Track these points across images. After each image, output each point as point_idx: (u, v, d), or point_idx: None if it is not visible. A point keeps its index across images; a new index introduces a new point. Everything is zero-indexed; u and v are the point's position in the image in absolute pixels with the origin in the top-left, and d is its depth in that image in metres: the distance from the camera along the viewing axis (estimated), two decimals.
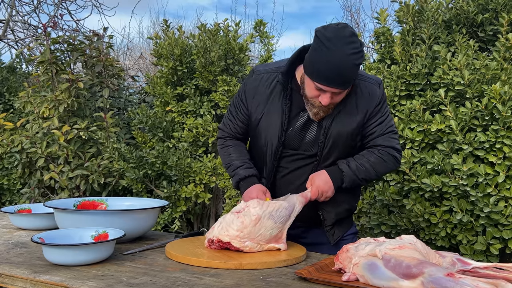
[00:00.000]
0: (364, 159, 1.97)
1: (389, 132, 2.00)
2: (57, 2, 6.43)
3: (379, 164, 1.98)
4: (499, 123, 2.46)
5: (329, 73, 1.77)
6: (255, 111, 2.03)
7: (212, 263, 1.65)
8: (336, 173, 1.95)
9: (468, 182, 2.44)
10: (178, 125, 3.67)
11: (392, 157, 2.00)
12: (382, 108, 2.00)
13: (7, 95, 4.96)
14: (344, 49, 1.75)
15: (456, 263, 1.48)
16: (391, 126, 2.02)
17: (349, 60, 1.76)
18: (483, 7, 2.86)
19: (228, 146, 2.15)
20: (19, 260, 1.72)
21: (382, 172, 2.02)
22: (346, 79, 1.80)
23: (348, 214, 2.13)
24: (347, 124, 1.94)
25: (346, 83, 1.81)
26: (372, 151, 1.99)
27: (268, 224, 1.81)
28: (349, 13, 9.44)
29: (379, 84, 2.01)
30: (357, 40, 1.79)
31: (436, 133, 2.63)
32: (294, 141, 1.99)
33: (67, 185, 3.43)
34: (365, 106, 1.96)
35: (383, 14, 3.14)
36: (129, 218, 1.95)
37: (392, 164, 2.01)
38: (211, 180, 3.34)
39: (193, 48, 3.73)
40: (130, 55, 9.74)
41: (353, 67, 1.78)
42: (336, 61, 1.75)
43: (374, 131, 1.99)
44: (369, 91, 1.97)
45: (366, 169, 1.96)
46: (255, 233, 1.78)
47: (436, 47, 2.79)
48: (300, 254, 1.78)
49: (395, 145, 2.01)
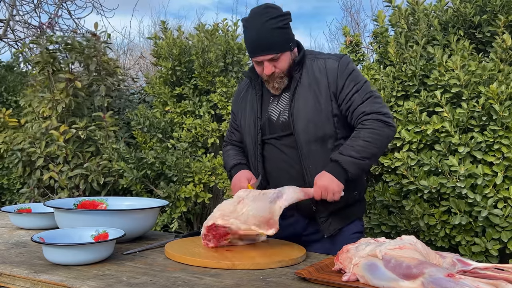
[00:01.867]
0: (354, 139, 1.94)
1: (369, 97, 1.97)
2: (58, 2, 6.42)
3: (372, 136, 1.92)
4: (497, 123, 2.46)
5: (252, 45, 1.98)
6: (237, 112, 2.24)
7: (206, 263, 1.65)
8: (335, 167, 1.93)
9: (466, 184, 2.44)
10: (177, 125, 3.67)
11: (381, 123, 1.94)
12: (353, 78, 2.00)
13: (5, 94, 4.95)
14: (258, 19, 1.95)
15: (456, 263, 1.48)
16: (370, 91, 1.99)
17: (266, 26, 1.93)
18: (481, 8, 2.87)
19: (227, 150, 2.31)
20: (19, 259, 1.72)
21: (381, 142, 1.95)
22: (268, 43, 1.94)
23: (346, 204, 2.06)
24: (307, 98, 2.00)
25: (271, 47, 1.94)
26: (360, 127, 1.95)
27: (252, 204, 1.82)
28: (349, 14, 9.44)
29: (339, 58, 2.03)
30: (274, 10, 1.96)
31: (433, 134, 2.63)
32: (271, 126, 2.09)
33: (67, 185, 3.43)
34: (325, 80, 2.00)
35: (381, 15, 3.15)
36: (129, 218, 1.95)
37: (386, 129, 1.94)
38: (210, 180, 3.34)
39: (192, 48, 3.73)
40: (130, 55, 9.74)
41: (272, 31, 1.93)
42: (253, 32, 1.96)
43: (352, 100, 1.97)
44: (327, 66, 2.02)
45: (363, 147, 1.91)
46: (238, 211, 1.80)
47: (430, 49, 2.79)
48: (296, 255, 1.76)
49: (379, 109, 1.96)
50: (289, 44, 1.99)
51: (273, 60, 1.98)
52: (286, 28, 1.98)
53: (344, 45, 3.35)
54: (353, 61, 2.14)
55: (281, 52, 1.97)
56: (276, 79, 2.02)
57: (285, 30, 1.97)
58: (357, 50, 3.32)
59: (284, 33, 1.97)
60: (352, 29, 8.49)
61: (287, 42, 1.98)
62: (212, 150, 3.59)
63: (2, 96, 4.97)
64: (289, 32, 2.01)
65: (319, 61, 2.04)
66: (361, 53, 3.32)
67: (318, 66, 2.03)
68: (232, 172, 2.18)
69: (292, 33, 2.03)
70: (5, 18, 6.42)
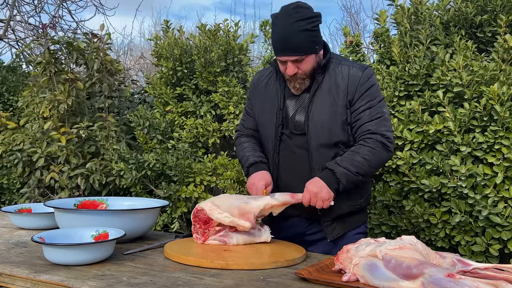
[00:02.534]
0: (353, 154, 1.94)
1: (379, 117, 1.97)
2: (58, 2, 6.42)
3: (371, 155, 1.93)
4: (497, 123, 2.46)
5: (278, 44, 1.97)
6: (256, 100, 2.20)
7: (200, 262, 1.66)
8: (328, 175, 1.93)
9: (467, 184, 2.44)
10: (177, 126, 3.67)
11: (382, 145, 1.95)
12: (370, 93, 1.99)
13: (7, 94, 4.95)
14: (287, 19, 1.92)
15: (456, 263, 1.48)
16: (381, 112, 1.99)
17: (293, 27, 1.91)
18: (482, 8, 2.86)
19: (242, 142, 2.25)
20: (20, 259, 1.72)
21: (377, 163, 1.97)
22: (294, 45, 1.93)
23: (351, 211, 2.08)
24: (325, 103, 2.00)
25: (296, 49, 1.93)
26: (361, 143, 1.96)
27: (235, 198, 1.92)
28: (349, 14, 9.44)
29: (364, 69, 2.02)
30: (303, 10, 1.93)
31: (435, 134, 2.63)
32: (286, 121, 2.08)
33: (67, 185, 3.43)
34: (345, 87, 1.99)
35: (383, 15, 3.15)
36: (129, 218, 1.95)
37: (384, 153, 1.96)
38: (211, 181, 3.34)
39: (193, 48, 3.73)
40: (131, 55, 9.75)
41: (299, 33, 1.91)
42: (281, 30, 1.94)
43: (361, 115, 1.97)
44: (350, 73, 2.00)
45: (360, 163, 1.92)
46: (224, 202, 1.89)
47: (434, 48, 2.79)
48: (293, 256, 1.75)
49: (384, 132, 1.96)
50: (315, 47, 1.97)
51: (297, 62, 1.96)
52: (315, 31, 1.95)
53: (344, 45, 3.35)
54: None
55: (306, 54, 1.95)
56: (298, 80, 2.01)
57: (313, 33, 1.95)
58: (357, 51, 3.31)
59: (311, 36, 1.94)
60: (352, 29, 8.49)
61: (313, 45, 1.96)
62: (213, 150, 3.59)
63: (3, 96, 4.97)
64: (317, 34, 1.98)
65: (343, 67, 2.03)
66: (361, 54, 3.32)
67: (341, 72, 2.02)
68: (250, 170, 2.12)
69: (320, 36, 2.00)
70: (6, 18, 6.42)
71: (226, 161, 3.27)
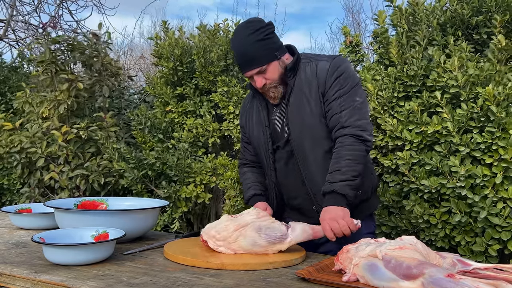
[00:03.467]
0: (337, 161, 1.88)
1: (349, 107, 1.92)
2: (58, 2, 6.42)
3: (353, 152, 1.88)
4: (494, 124, 2.46)
5: (238, 60, 2.01)
6: (245, 124, 2.23)
7: (195, 262, 1.66)
8: (331, 197, 1.86)
9: (466, 184, 2.44)
10: (178, 125, 3.67)
11: (356, 139, 1.89)
12: (340, 82, 1.95)
13: (9, 94, 4.95)
14: (240, 35, 1.97)
15: (456, 264, 1.48)
16: (353, 101, 1.93)
17: (247, 42, 1.94)
18: (477, 9, 2.87)
19: (244, 172, 2.28)
20: (20, 259, 1.72)
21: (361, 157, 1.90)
22: (251, 58, 1.95)
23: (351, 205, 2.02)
24: (300, 103, 1.99)
25: (254, 60, 1.95)
26: (338, 146, 1.90)
27: (251, 235, 1.75)
28: (350, 14, 9.45)
29: (332, 59, 1.99)
30: (252, 24, 1.96)
31: (434, 135, 2.63)
32: (276, 135, 2.08)
33: (67, 185, 3.43)
34: (315, 82, 1.98)
35: (382, 16, 3.15)
36: (130, 218, 1.95)
37: (362, 146, 1.90)
38: (211, 181, 3.34)
39: (193, 48, 3.73)
40: (130, 55, 9.75)
41: (253, 44, 1.94)
42: (237, 48, 1.98)
43: (332, 105, 1.94)
44: (318, 67, 1.99)
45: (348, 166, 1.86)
46: (232, 239, 1.76)
47: (430, 49, 2.79)
48: (291, 257, 1.74)
49: (354, 122, 1.90)
50: (274, 54, 1.98)
51: (261, 73, 1.97)
52: (268, 39, 1.96)
53: (344, 45, 3.35)
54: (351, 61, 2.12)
55: (266, 63, 1.96)
56: (270, 89, 2.02)
57: (267, 41, 1.96)
58: (357, 51, 3.31)
59: (265, 45, 1.95)
60: (353, 29, 8.49)
61: (271, 53, 1.97)
62: (213, 150, 3.59)
63: (5, 96, 4.97)
64: (273, 41, 1.98)
65: (312, 64, 2.02)
66: (361, 54, 3.32)
67: (310, 69, 2.01)
68: (250, 203, 2.16)
69: (277, 42, 2.01)
70: (6, 18, 6.42)
71: (226, 161, 3.27)
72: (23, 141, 3.53)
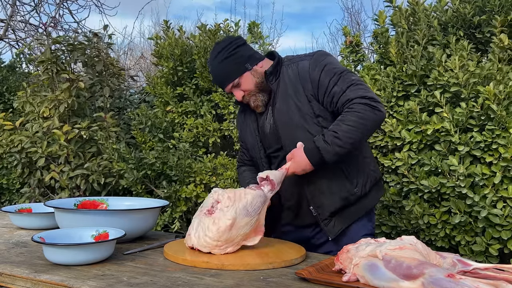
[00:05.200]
0: (338, 124, 1.86)
1: (349, 85, 1.90)
2: (58, 2, 6.42)
3: (357, 120, 1.84)
4: (494, 123, 2.46)
5: (214, 81, 2.13)
6: (241, 130, 2.27)
7: (195, 262, 1.66)
8: (313, 151, 1.88)
9: (466, 183, 2.44)
10: (178, 125, 3.67)
11: (366, 106, 1.85)
12: (326, 73, 1.94)
13: (7, 94, 4.95)
14: (212, 56, 2.06)
15: (456, 264, 1.48)
16: (350, 80, 1.92)
17: (215, 63, 2.04)
18: (480, 8, 2.87)
19: (242, 171, 2.33)
20: (20, 259, 1.72)
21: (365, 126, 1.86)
22: (222, 77, 2.05)
23: (348, 203, 2.03)
24: (288, 106, 2.00)
25: (225, 79, 2.04)
26: (346, 110, 1.87)
27: (245, 221, 1.77)
28: (349, 14, 9.45)
29: (311, 57, 2.00)
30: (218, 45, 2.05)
31: (433, 134, 2.63)
32: (267, 141, 2.12)
33: (67, 185, 3.43)
34: (299, 84, 1.99)
35: (382, 16, 3.15)
36: (130, 218, 1.95)
37: (371, 114, 1.85)
38: (211, 180, 3.34)
39: (194, 48, 3.73)
40: (131, 55, 9.75)
41: (220, 64, 2.02)
42: (211, 68, 2.08)
43: (333, 93, 1.92)
44: (299, 68, 2.01)
45: (346, 132, 1.84)
46: (234, 236, 1.76)
47: (431, 48, 2.79)
48: (291, 257, 1.74)
49: (364, 93, 1.87)
50: (243, 66, 2.02)
51: (236, 87, 2.04)
52: (234, 54, 2.01)
53: (344, 45, 3.35)
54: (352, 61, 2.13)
55: (237, 77, 2.02)
56: (250, 99, 2.07)
57: (233, 57, 2.01)
58: (357, 51, 3.31)
59: (232, 60, 2.01)
60: (352, 29, 8.49)
61: (240, 66, 2.01)
62: (213, 150, 3.59)
63: (4, 96, 4.97)
64: (239, 55, 2.02)
65: (293, 65, 2.04)
66: (361, 54, 3.32)
67: (292, 71, 2.02)
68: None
69: (244, 54, 2.03)
70: (5, 18, 6.42)
71: (226, 161, 3.27)
72: (24, 140, 3.53)
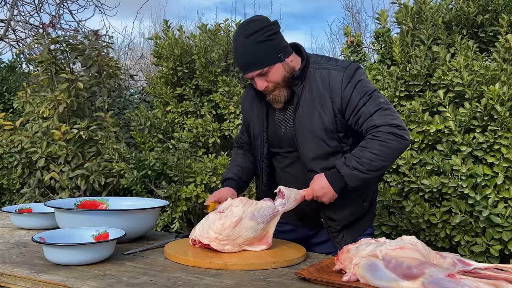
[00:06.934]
0: (362, 150, 1.82)
1: (377, 110, 1.83)
2: (59, 2, 6.42)
3: (381, 148, 1.79)
4: (496, 123, 2.46)
5: (238, 61, 1.91)
6: (247, 116, 2.16)
7: (198, 262, 1.66)
8: (335, 176, 1.84)
9: (467, 184, 2.44)
10: (178, 125, 3.67)
11: (392, 135, 1.80)
12: (359, 90, 1.86)
13: (7, 94, 4.95)
14: (241, 35, 1.86)
15: (456, 264, 1.48)
16: (380, 104, 1.85)
17: (247, 42, 1.83)
18: (484, 8, 2.86)
19: (237, 154, 2.27)
20: (20, 259, 1.72)
21: (389, 155, 1.81)
22: (252, 60, 1.85)
23: (358, 216, 2.02)
24: (311, 115, 1.90)
25: (255, 63, 1.85)
26: (370, 138, 1.82)
27: (249, 225, 1.77)
28: (351, 14, 9.45)
29: (344, 70, 1.89)
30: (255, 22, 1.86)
31: (436, 134, 2.63)
32: (278, 139, 2.03)
33: (68, 185, 3.43)
34: (328, 96, 1.88)
35: (383, 15, 3.15)
36: (130, 218, 1.95)
37: (397, 143, 1.80)
38: (211, 181, 3.34)
39: (194, 48, 3.73)
40: (131, 55, 9.75)
41: (254, 46, 1.83)
42: (238, 49, 1.87)
43: (360, 114, 1.85)
44: (330, 78, 1.89)
45: (369, 159, 1.80)
46: (235, 235, 1.76)
47: (435, 48, 2.78)
48: (293, 256, 1.74)
49: (391, 121, 1.81)
50: (277, 56, 1.86)
51: (263, 75, 1.87)
52: (272, 40, 1.85)
53: (346, 45, 3.35)
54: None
55: (268, 66, 1.85)
56: (272, 92, 1.92)
57: (270, 42, 1.84)
58: (358, 50, 3.31)
59: (268, 46, 1.84)
60: (353, 29, 8.49)
61: (274, 54, 1.86)
62: (213, 150, 3.59)
63: (3, 96, 4.97)
64: (276, 42, 1.87)
65: (323, 72, 1.91)
66: (362, 53, 3.32)
67: (321, 78, 1.90)
68: (224, 185, 2.13)
69: (281, 43, 1.89)
70: (6, 18, 6.42)
71: (226, 161, 3.26)
72: (23, 141, 3.53)
